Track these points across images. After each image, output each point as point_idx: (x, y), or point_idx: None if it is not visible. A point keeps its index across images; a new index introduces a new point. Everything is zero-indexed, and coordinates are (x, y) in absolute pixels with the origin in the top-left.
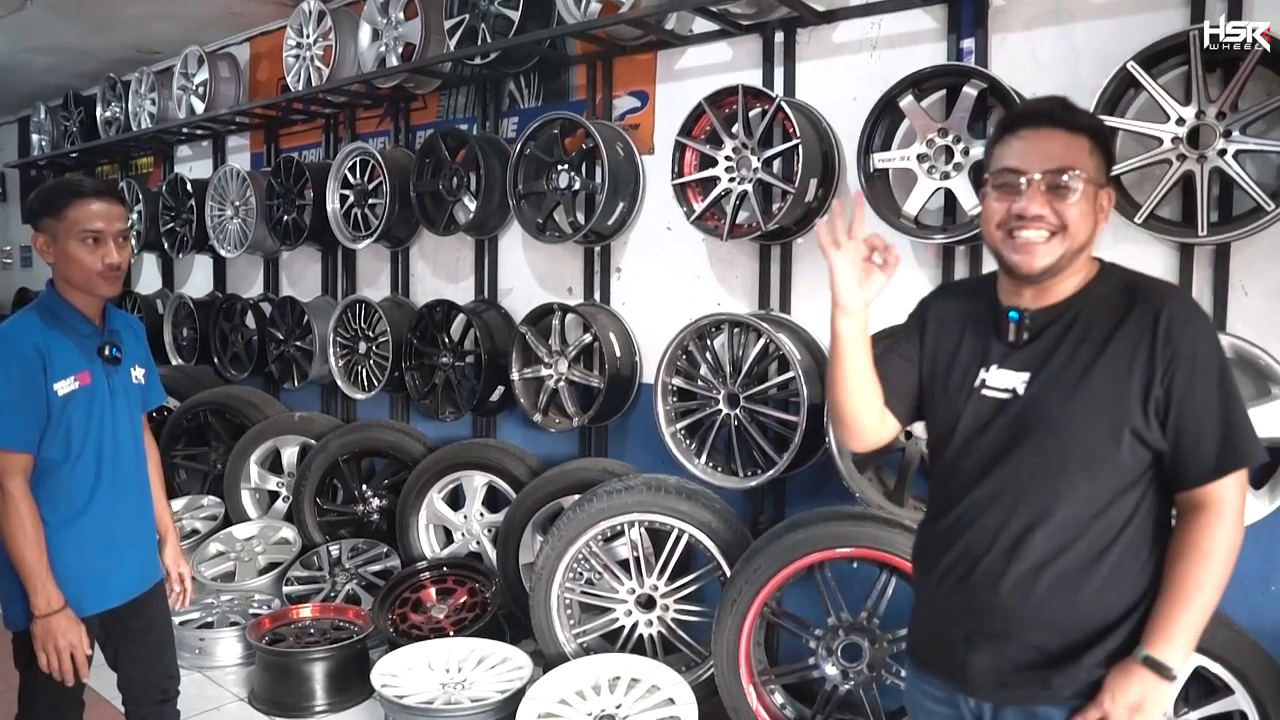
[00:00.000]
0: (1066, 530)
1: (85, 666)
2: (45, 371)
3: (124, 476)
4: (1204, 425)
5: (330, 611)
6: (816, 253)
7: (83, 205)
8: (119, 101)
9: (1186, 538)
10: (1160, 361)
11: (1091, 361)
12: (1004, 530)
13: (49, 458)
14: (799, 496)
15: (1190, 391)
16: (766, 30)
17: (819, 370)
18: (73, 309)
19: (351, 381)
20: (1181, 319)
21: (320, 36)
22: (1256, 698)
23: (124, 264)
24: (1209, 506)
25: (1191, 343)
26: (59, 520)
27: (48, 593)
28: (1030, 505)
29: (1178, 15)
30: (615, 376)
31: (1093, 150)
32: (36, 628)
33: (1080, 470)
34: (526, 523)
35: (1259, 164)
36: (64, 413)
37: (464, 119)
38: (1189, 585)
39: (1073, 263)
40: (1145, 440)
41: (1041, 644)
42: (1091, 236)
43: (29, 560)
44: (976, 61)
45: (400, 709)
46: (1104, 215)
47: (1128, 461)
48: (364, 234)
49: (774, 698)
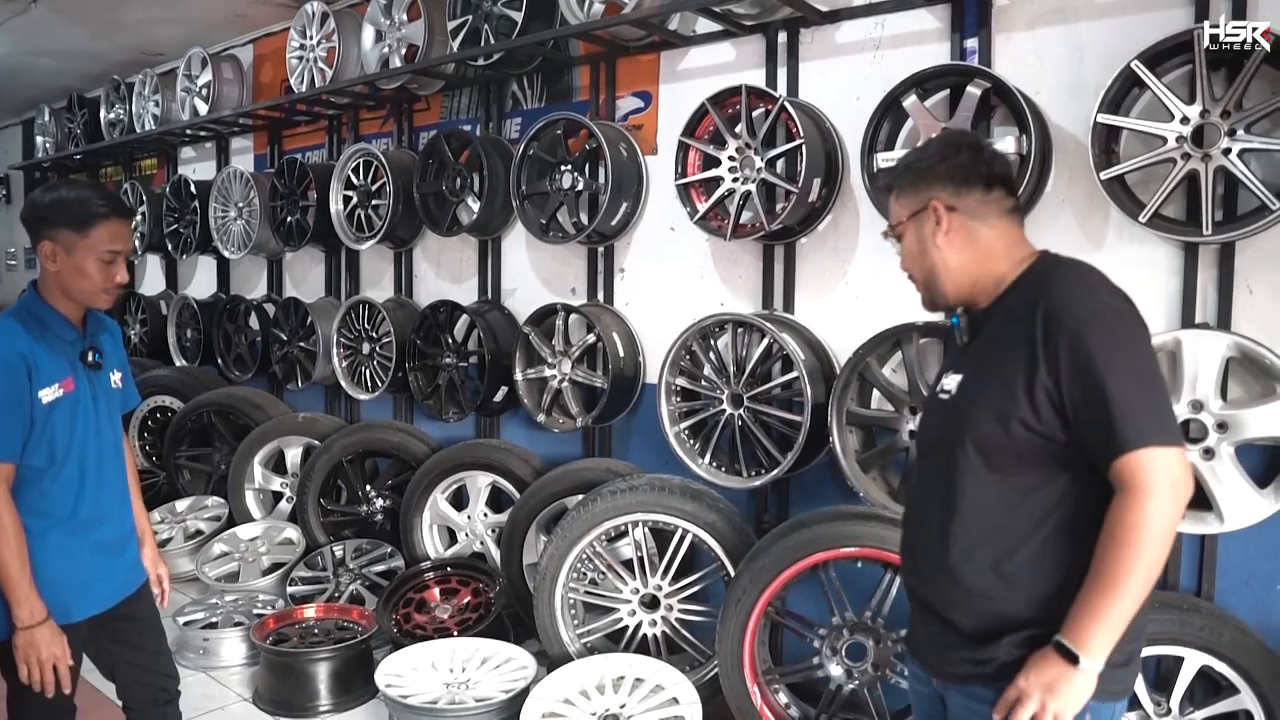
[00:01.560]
0: (981, 518)
1: (68, 678)
2: (30, 379)
3: (108, 482)
4: (1093, 409)
5: (334, 612)
6: (820, 252)
7: (111, 226)
8: (123, 103)
9: (1105, 524)
10: (1042, 353)
11: (991, 357)
12: (934, 519)
13: (33, 465)
14: (803, 496)
15: (1074, 378)
16: (769, 30)
17: (822, 370)
18: (58, 315)
19: (355, 382)
20: (1057, 306)
21: (324, 38)
22: (1262, 697)
23: (126, 282)
24: (1122, 489)
25: (1068, 330)
26: (43, 528)
27: (31, 604)
28: (950, 496)
29: (1182, 14)
30: (619, 377)
31: (897, 195)
32: (19, 639)
33: (982, 461)
34: (530, 523)
35: (1264, 163)
36: (48, 420)
37: (467, 120)
38: (1101, 572)
39: (967, 281)
40: (1037, 430)
41: (971, 626)
42: (941, 259)
43: (11, 572)
44: (980, 61)
45: (404, 709)
46: (940, 226)
47: (1026, 452)
48: (367, 235)
49: (778, 697)
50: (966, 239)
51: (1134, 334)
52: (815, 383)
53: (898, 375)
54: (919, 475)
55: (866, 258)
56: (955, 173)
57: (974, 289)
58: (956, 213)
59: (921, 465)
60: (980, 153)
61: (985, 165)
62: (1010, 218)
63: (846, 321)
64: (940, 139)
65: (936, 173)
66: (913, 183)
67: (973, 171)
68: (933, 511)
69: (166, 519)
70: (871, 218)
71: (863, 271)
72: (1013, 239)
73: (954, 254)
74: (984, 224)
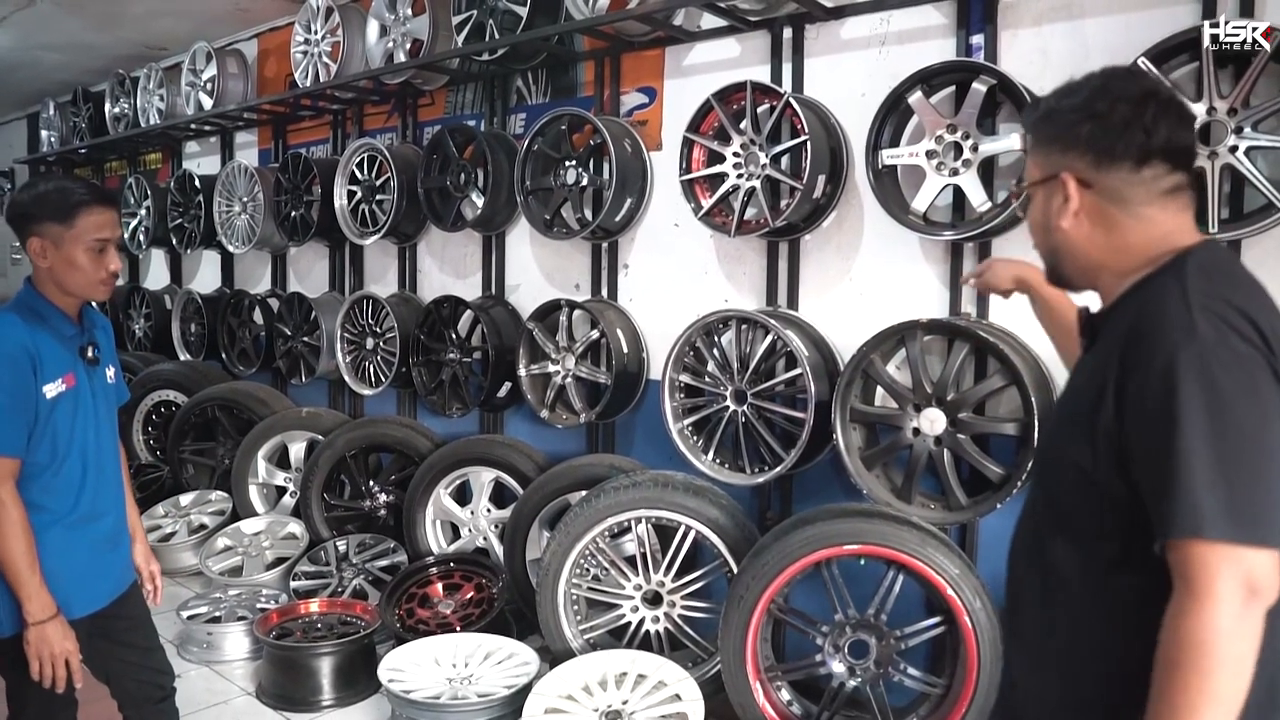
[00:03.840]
0: (1042, 577)
1: (79, 672)
2: (36, 374)
3: (107, 478)
4: (1149, 476)
5: (337, 606)
6: (825, 249)
7: (94, 214)
8: (127, 98)
9: (1164, 628)
10: (1112, 388)
11: (1080, 373)
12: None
13: (36, 461)
14: (806, 493)
15: (1139, 431)
16: (775, 26)
17: (826, 367)
18: (56, 310)
19: (359, 377)
20: (1150, 329)
21: (328, 33)
22: None
23: (120, 271)
24: (1176, 585)
25: (1152, 367)
26: (45, 523)
27: (41, 599)
28: (1025, 548)
29: (1188, 11)
30: (622, 373)
31: (1034, 143)
32: (30, 635)
33: (1048, 509)
34: (533, 519)
35: (1270, 160)
36: (51, 415)
37: (472, 115)
38: (1157, 707)
39: (1092, 269)
40: (1093, 479)
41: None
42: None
43: (21, 567)
44: (986, 57)
45: (407, 704)
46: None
47: (1085, 504)
48: (371, 230)
49: (780, 694)
50: (1100, 224)
51: (1241, 383)
52: (819, 380)
53: (901, 373)
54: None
55: (871, 254)
56: (1101, 139)
57: (1099, 282)
58: (1092, 191)
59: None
60: (1141, 113)
61: (1144, 133)
62: (1167, 200)
63: (850, 318)
64: (1098, 82)
65: (1077, 133)
66: (1048, 138)
67: (1124, 140)
68: (1015, 565)
69: (170, 513)
70: (876, 214)
71: (867, 268)
72: (1164, 229)
73: (1082, 240)
74: (1126, 210)
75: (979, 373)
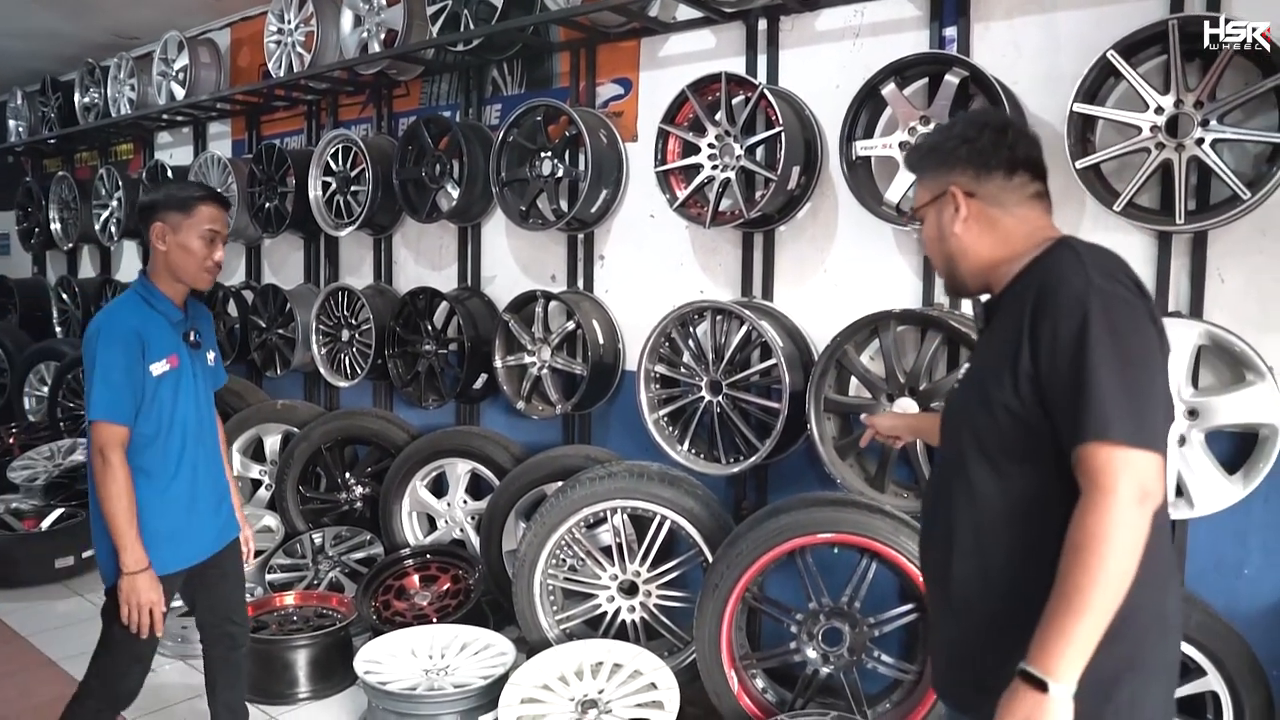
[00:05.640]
0: (973, 512)
1: (161, 622)
2: (143, 354)
3: (205, 449)
4: (1063, 390)
5: (313, 599)
6: (799, 240)
7: (208, 207)
8: (98, 87)
9: (1070, 526)
10: (1027, 331)
11: (991, 344)
12: (935, 521)
13: (144, 432)
14: (781, 483)
15: (1054, 359)
16: (749, 18)
17: (800, 357)
18: (164, 297)
19: (334, 369)
20: (1053, 286)
21: (302, 22)
22: (1229, 679)
23: (223, 262)
24: (1086, 485)
25: (1061, 306)
26: (149, 488)
27: (135, 553)
28: (948, 487)
29: (1157, 5)
30: (598, 364)
31: (920, 179)
32: (123, 583)
33: (975, 452)
34: (510, 510)
35: (1236, 153)
36: (157, 391)
37: (447, 106)
38: (1061, 585)
39: (983, 267)
40: (1018, 415)
41: (958, 634)
42: (958, 246)
43: (120, 524)
44: (959, 50)
45: (383, 695)
46: (959, 213)
47: (1011, 439)
48: (346, 221)
49: (755, 682)
50: (986, 226)
51: (1131, 322)
52: (793, 370)
53: (875, 363)
54: (932, 472)
55: (845, 245)
56: (976, 157)
57: (992, 277)
58: (976, 199)
59: (935, 462)
60: (1004, 135)
61: (1009, 149)
62: (1034, 203)
63: (825, 309)
64: (965, 119)
65: (958, 156)
66: (934, 166)
67: (994, 156)
68: (938, 509)
69: None
70: (850, 206)
71: (841, 259)
72: (1035, 225)
73: (972, 241)
74: (1005, 211)
75: (951, 362)
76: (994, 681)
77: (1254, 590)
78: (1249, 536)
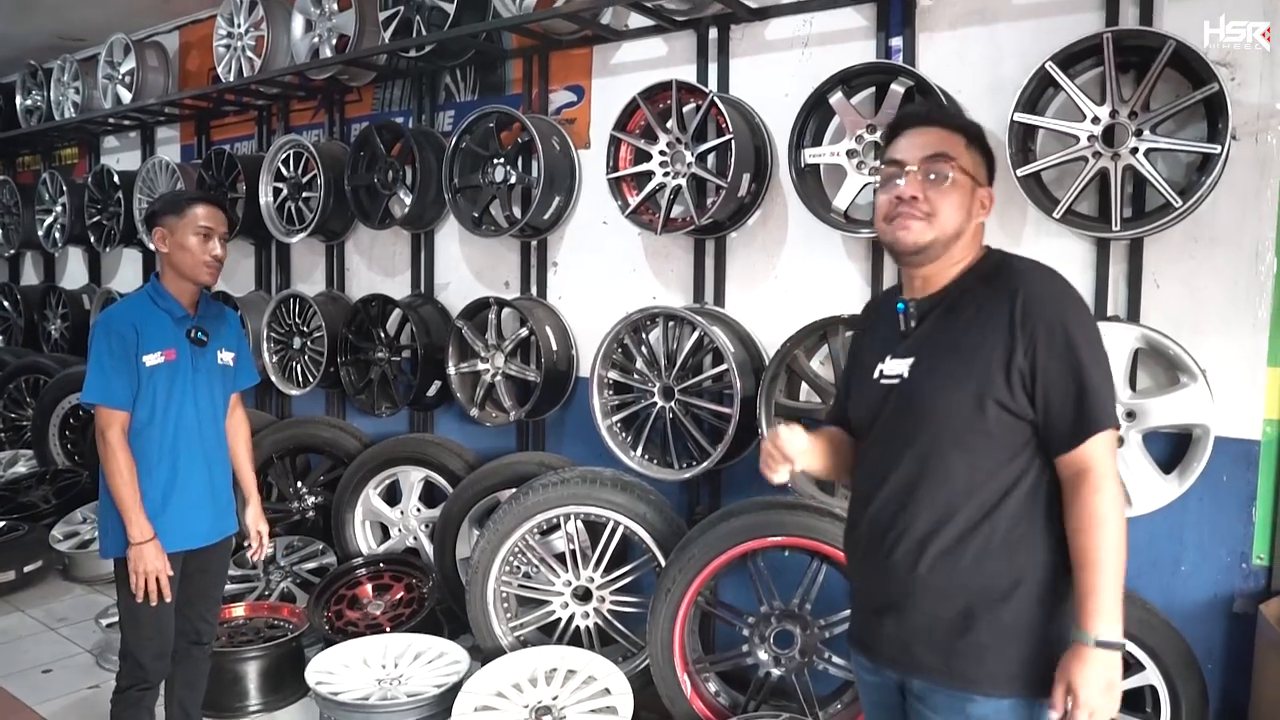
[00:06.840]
0: (946, 502)
1: (169, 588)
2: (137, 346)
3: (205, 445)
4: (1064, 392)
5: (264, 610)
6: (750, 246)
7: (200, 208)
8: (40, 90)
9: (1081, 509)
10: (1020, 336)
11: (957, 340)
12: (895, 506)
13: (137, 418)
14: (734, 487)
15: (1049, 362)
16: (701, 26)
17: (752, 363)
18: (170, 296)
19: (286, 377)
20: (1037, 294)
21: (252, 26)
22: (1166, 673)
23: (224, 259)
24: (1087, 472)
25: (1048, 316)
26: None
27: (140, 525)
28: (912, 480)
29: (1094, 18)
30: (552, 370)
31: (969, 146)
32: (131, 553)
33: (952, 444)
34: (463, 517)
35: (1169, 162)
36: (150, 381)
37: (400, 112)
38: (1099, 555)
39: (949, 250)
40: (1011, 410)
41: (932, 611)
42: (962, 227)
43: (125, 497)
44: (904, 59)
45: (336, 706)
46: (984, 211)
47: (997, 432)
48: (298, 228)
49: (708, 686)
50: (980, 227)
51: (1096, 325)
52: (745, 375)
53: (825, 368)
54: (876, 464)
55: (795, 252)
56: (992, 167)
57: (939, 265)
58: None
59: (876, 451)
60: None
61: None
62: None
63: (775, 314)
64: None
65: (991, 164)
66: (983, 155)
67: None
68: (897, 497)
69: (89, 519)
70: (800, 212)
71: (791, 265)
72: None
73: (970, 234)
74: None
75: None
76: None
77: (1189, 586)
78: (1184, 533)
